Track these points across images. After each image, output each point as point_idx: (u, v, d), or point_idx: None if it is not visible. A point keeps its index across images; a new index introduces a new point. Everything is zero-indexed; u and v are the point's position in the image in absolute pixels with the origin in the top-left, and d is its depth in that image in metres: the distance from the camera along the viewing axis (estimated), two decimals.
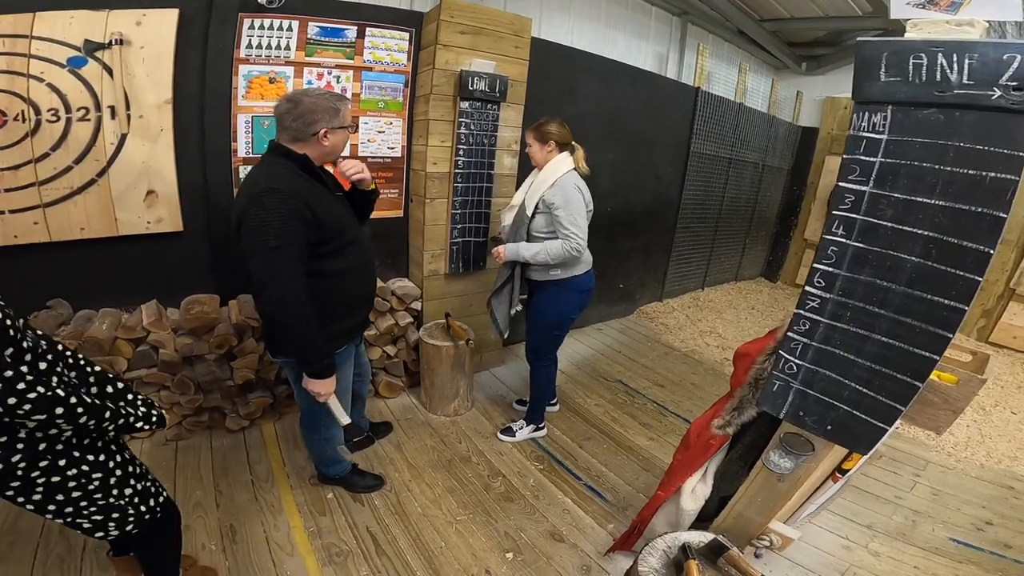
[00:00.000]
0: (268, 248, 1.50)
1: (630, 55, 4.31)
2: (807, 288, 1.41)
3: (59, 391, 1.07)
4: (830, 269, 1.38)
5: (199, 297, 2.56)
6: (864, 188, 1.30)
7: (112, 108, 2.22)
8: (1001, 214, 1.12)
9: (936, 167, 1.19)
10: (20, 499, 1.13)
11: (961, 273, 1.18)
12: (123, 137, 2.26)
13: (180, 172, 2.41)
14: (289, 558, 1.91)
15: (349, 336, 1.91)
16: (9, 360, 1.00)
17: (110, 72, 2.19)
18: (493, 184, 3.08)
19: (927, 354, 1.25)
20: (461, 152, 2.90)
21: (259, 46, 2.51)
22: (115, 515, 1.28)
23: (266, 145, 1.69)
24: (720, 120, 5.00)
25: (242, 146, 2.56)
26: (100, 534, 1.29)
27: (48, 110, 2.13)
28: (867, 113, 1.28)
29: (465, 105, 2.83)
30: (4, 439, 1.06)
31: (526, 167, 3.42)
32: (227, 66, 2.44)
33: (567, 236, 2.26)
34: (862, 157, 1.29)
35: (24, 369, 1.01)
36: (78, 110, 2.18)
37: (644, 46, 4.57)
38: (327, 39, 2.66)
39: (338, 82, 2.74)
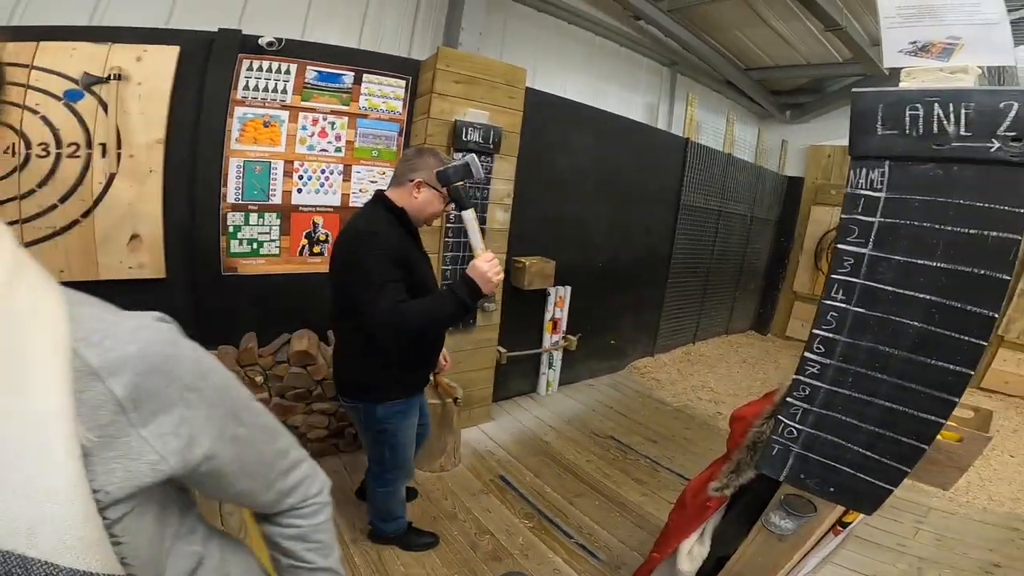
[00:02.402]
0: (371, 284, 1.53)
1: (622, 106, 4.41)
2: (806, 354, 1.36)
3: None
4: (830, 335, 1.32)
5: None
6: (863, 250, 1.26)
7: (103, 146, 2.19)
8: (1004, 276, 1.09)
9: (937, 227, 1.16)
10: None
11: (966, 338, 1.14)
12: (111, 177, 2.23)
13: (167, 216, 2.37)
14: None
15: (421, 386, 1.91)
16: None
17: (105, 108, 2.17)
18: (485, 240, 3.02)
19: (932, 417, 1.20)
20: (453, 205, 2.86)
21: (256, 88, 2.52)
22: None
23: (256, 192, 1.68)
24: (709, 171, 5.07)
25: (232, 192, 2.53)
26: None
27: (39, 144, 2.09)
28: (864, 169, 1.25)
29: (459, 156, 2.83)
30: None
31: (521, 221, 3.39)
32: (223, 107, 2.44)
33: None
34: (860, 217, 1.26)
35: None
36: (69, 146, 2.14)
37: (635, 97, 4.69)
38: (324, 84, 2.68)
39: (332, 128, 2.75)
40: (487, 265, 1.59)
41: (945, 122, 1.13)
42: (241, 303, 2.67)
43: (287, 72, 2.58)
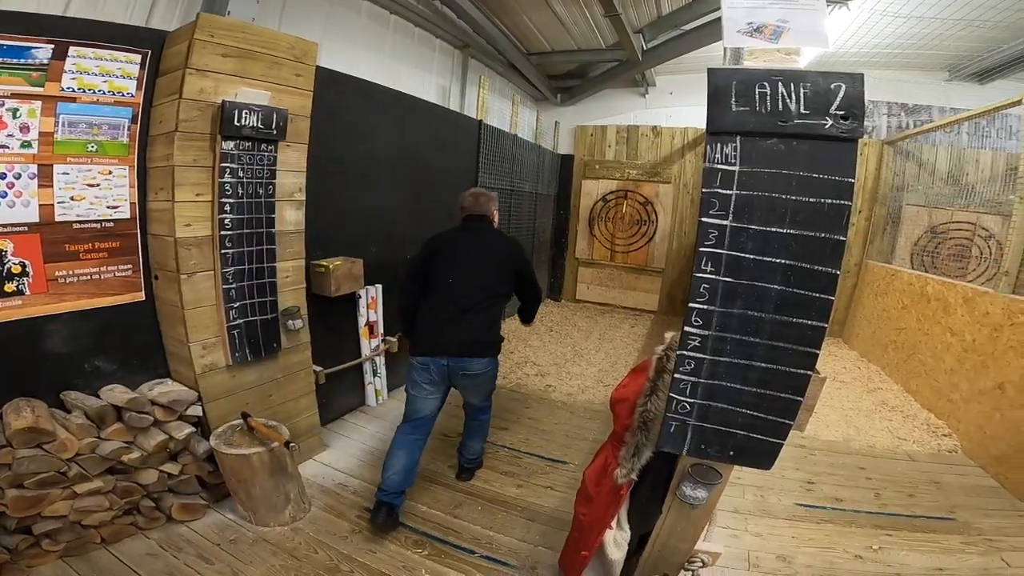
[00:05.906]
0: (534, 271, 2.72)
1: (415, 87, 4.18)
2: (686, 328, 1.39)
3: None
4: (705, 307, 1.36)
5: None
6: (725, 222, 1.31)
7: None
8: (841, 237, 1.24)
9: (783, 197, 1.26)
10: None
11: (817, 295, 1.28)
12: None
13: None
14: None
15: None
16: None
17: None
18: (276, 245, 2.50)
19: (802, 371, 1.33)
20: (228, 208, 2.28)
21: None
22: None
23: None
24: (500, 152, 5.19)
25: None
26: None
27: None
28: (719, 144, 1.28)
29: (230, 146, 2.24)
30: None
31: (317, 220, 2.96)
32: None
33: None
34: (719, 190, 1.30)
35: None
36: None
37: (428, 78, 4.52)
38: None
39: (15, 116, 1.92)
40: None
41: (788, 100, 1.21)
42: None
43: None
